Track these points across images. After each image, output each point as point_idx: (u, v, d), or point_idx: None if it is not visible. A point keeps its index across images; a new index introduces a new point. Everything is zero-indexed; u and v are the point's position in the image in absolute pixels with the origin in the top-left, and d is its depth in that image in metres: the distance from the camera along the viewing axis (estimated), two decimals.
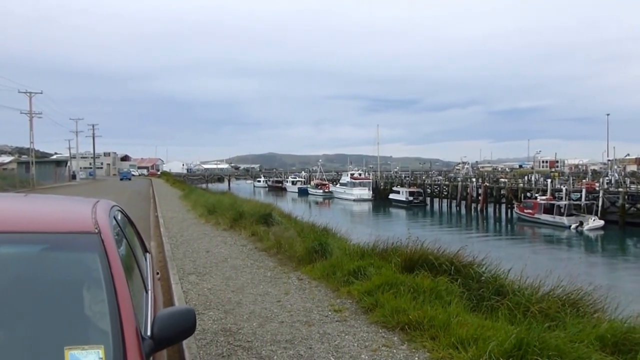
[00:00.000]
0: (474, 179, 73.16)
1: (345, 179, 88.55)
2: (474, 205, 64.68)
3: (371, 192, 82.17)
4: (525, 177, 76.64)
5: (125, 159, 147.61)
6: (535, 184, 64.47)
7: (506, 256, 16.56)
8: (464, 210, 65.30)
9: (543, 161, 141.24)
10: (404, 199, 71.90)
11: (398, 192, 75.45)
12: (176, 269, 9.59)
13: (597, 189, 52.55)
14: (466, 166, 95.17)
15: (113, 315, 2.17)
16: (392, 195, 76.12)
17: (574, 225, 45.23)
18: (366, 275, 7.69)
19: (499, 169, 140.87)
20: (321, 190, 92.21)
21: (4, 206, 3.23)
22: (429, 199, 74.78)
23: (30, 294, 2.34)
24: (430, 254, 8.10)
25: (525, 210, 52.64)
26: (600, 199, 49.05)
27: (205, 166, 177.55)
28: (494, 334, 5.11)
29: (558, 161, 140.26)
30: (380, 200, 79.34)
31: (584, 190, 51.40)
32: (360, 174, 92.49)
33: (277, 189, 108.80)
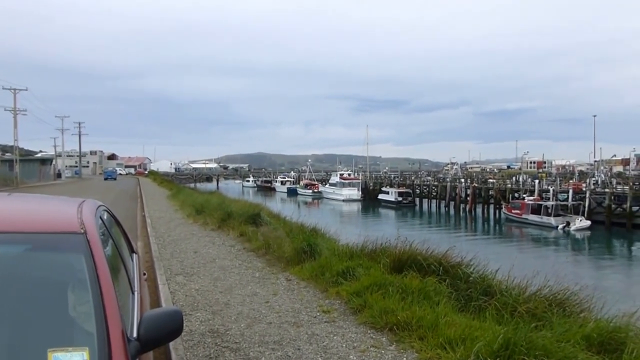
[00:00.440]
0: (462, 180, 73.62)
1: (335, 179, 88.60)
2: (462, 205, 65.11)
3: (360, 193, 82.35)
4: (513, 178, 77.34)
5: (112, 157, 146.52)
6: (522, 185, 65.10)
7: (494, 256, 16.65)
8: (452, 211, 65.69)
9: (531, 162, 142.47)
10: (393, 200, 72.09)
11: (387, 193, 75.68)
12: (163, 269, 9.52)
13: (584, 189, 53.16)
14: (455, 167, 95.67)
15: (98, 317, 2.14)
16: (381, 196, 76.33)
17: (561, 226, 45.68)
18: (355, 275, 7.68)
19: (488, 170, 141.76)
20: (310, 191, 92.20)
21: None
22: (417, 200, 75.14)
23: (13, 295, 2.30)
24: (419, 254, 8.11)
25: (513, 211, 53.08)
26: (587, 200, 49.61)
27: (194, 165, 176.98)
28: (482, 334, 5.12)
29: (545, 162, 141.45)
30: (370, 200, 79.47)
31: (570, 191, 52.00)
32: (349, 174, 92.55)
33: (266, 189, 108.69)
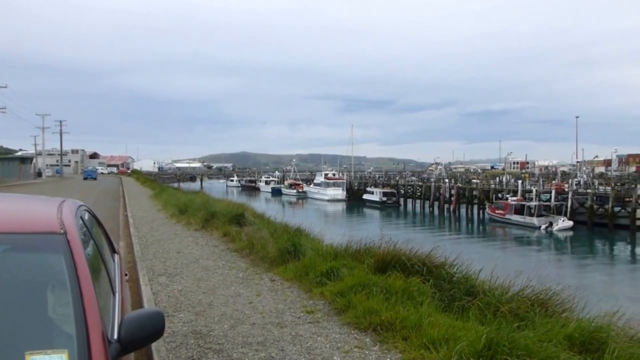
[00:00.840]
0: (446, 180, 74.12)
1: (319, 179, 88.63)
2: (446, 205, 65.50)
3: (345, 193, 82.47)
4: (497, 178, 78.16)
5: (94, 156, 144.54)
6: (506, 185, 65.77)
7: (477, 256, 16.82)
8: (436, 211, 66.05)
9: (514, 162, 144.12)
10: (378, 200, 72.31)
11: (372, 193, 75.88)
12: (146, 270, 9.43)
13: (566, 190, 53.83)
14: (439, 167, 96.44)
15: (78, 318, 2.11)
16: (366, 196, 76.51)
17: (543, 226, 46.17)
18: (339, 276, 7.68)
19: (472, 170, 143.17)
20: (295, 191, 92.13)
21: None
22: (402, 200, 75.41)
23: None
24: (403, 254, 8.13)
25: (496, 211, 53.54)
26: (569, 200, 50.20)
27: (178, 165, 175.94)
28: (465, 334, 5.15)
29: (528, 162, 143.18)
30: (354, 200, 79.64)
31: (553, 192, 52.60)
32: (334, 174, 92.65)
33: (251, 189, 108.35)
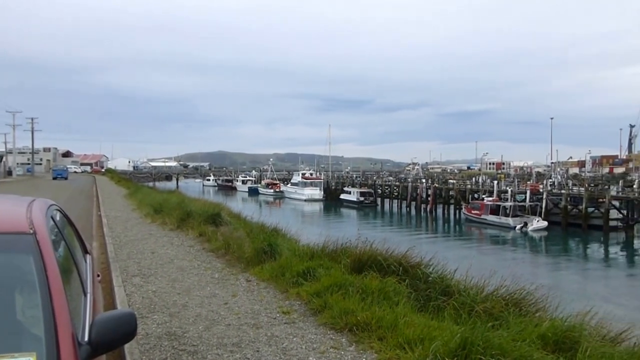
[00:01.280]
0: (423, 180, 74.80)
1: (297, 178, 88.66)
2: (423, 206, 66.11)
3: (322, 192, 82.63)
4: (473, 179, 79.08)
5: (67, 155, 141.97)
6: (482, 186, 66.59)
7: (453, 256, 17.00)
8: (413, 211, 66.65)
9: (490, 163, 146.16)
10: (355, 200, 72.65)
11: (349, 193, 76.20)
12: (119, 270, 9.28)
13: (541, 190, 54.73)
14: (416, 167, 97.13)
15: (47, 321, 2.07)
16: (343, 196, 76.80)
17: (518, 226, 46.89)
18: (315, 276, 7.66)
19: (448, 170, 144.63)
20: (272, 190, 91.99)
21: None
22: (379, 200, 75.89)
23: None
24: (379, 254, 8.16)
25: (472, 211, 54.20)
26: (543, 201, 51.12)
27: (153, 164, 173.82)
28: (440, 334, 5.18)
29: (504, 163, 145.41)
30: (331, 200, 79.88)
31: (528, 192, 53.46)
32: (311, 174, 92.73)
33: (227, 188, 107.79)
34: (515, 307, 6.56)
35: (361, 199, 72.26)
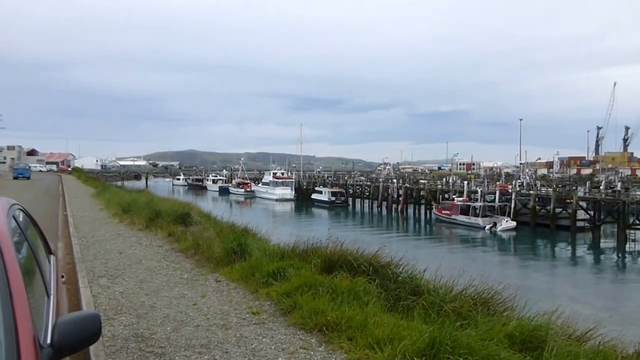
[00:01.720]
0: (394, 180, 75.41)
1: (268, 178, 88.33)
2: (394, 206, 66.56)
3: (294, 192, 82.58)
4: (444, 179, 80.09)
5: (32, 153, 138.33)
6: (452, 186, 67.40)
7: (423, 256, 17.17)
8: (385, 211, 67.09)
9: (460, 163, 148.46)
10: (327, 199, 72.74)
11: (320, 192, 76.24)
12: (85, 271, 9.09)
13: (510, 191, 55.71)
14: (388, 167, 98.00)
15: (7, 323, 2.01)
16: (315, 195, 76.81)
17: (488, 226, 47.62)
18: (285, 276, 7.64)
19: (419, 171, 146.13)
20: (243, 190, 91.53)
21: None
22: (351, 200, 76.14)
23: None
24: (350, 254, 8.18)
25: (443, 211, 54.83)
26: (512, 201, 51.92)
27: (122, 162, 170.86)
28: (409, 334, 5.21)
29: (474, 163, 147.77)
30: (303, 200, 79.85)
31: (497, 192, 54.26)
32: (283, 174, 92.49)
33: (197, 188, 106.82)
34: (484, 307, 6.64)
35: (332, 198, 72.38)
